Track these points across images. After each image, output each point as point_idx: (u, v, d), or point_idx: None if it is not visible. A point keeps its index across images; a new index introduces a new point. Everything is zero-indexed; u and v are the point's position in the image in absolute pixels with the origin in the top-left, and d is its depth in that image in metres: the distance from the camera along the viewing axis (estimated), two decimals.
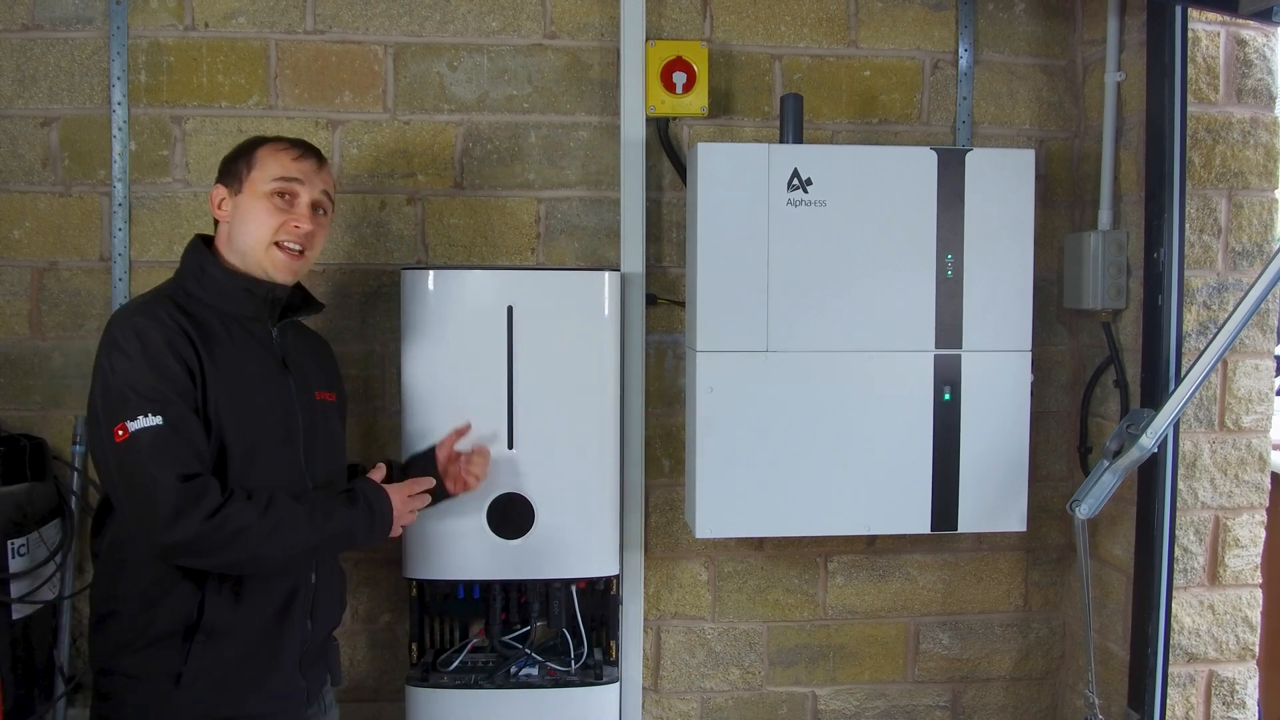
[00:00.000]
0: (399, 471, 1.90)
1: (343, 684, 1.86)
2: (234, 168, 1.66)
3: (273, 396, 1.63)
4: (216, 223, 1.68)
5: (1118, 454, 1.94)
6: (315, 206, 1.67)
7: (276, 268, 1.63)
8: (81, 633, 2.22)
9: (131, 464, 1.45)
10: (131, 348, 1.49)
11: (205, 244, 1.68)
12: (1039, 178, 2.25)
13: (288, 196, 1.64)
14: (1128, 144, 2.21)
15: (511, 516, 2.05)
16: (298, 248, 1.64)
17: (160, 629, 1.52)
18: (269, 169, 1.63)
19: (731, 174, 2.03)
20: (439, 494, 1.88)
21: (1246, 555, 2.18)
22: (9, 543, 2.00)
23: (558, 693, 2.11)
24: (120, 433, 1.44)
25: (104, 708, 1.57)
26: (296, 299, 1.74)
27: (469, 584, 2.13)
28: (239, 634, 1.55)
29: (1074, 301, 2.28)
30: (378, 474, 1.74)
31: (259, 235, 1.62)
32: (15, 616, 2.03)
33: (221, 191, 1.66)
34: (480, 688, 2.09)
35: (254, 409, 1.58)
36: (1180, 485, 2.12)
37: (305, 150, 1.68)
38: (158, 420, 1.44)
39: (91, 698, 1.61)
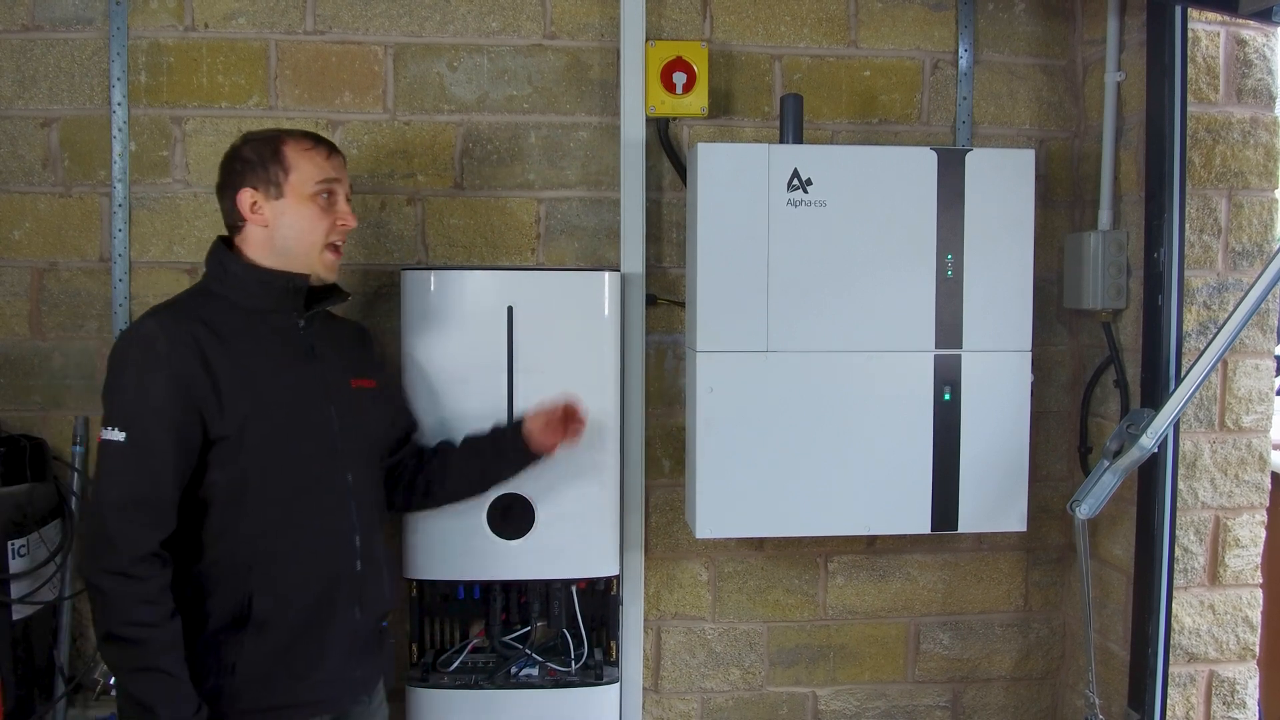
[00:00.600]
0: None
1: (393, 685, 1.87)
2: (263, 171, 1.64)
3: (296, 388, 1.64)
4: (238, 226, 1.67)
5: (1118, 454, 1.94)
6: (346, 201, 1.72)
7: (328, 268, 1.68)
8: (81, 633, 2.22)
9: (98, 471, 1.53)
10: (127, 357, 1.54)
11: (227, 245, 1.70)
12: (1039, 178, 2.25)
13: (329, 196, 1.67)
14: (1128, 144, 2.21)
15: (512, 516, 2.05)
16: (340, 243, 1.70)
17: (214, 623, 1.55)
18: (307, 171, 1.64)
19: (731, 174, 2.03)
20: (525, 459, 1.92)
21: (1247, 555, 2.18)
22: (9, 543, 2.00)
23: (558, 693, 2.11)
24: (101, 436, 1.51)
25: (134, 706, 1.57)
26: (322, 289, 1.75)
27: (469, 584, 2.13)
28: (288, 624, 1.58)
29: (1074, 301, 2.28)
30: None
31: (313, 239, 1.65)
32: (15, 617, 2.03)
33: (251, 195, 1.64)
34: (480, 688, 2.09)
35: (273, 402, 1.59)
36: (1180, 485, 2.12)
37: (331, 147, 1.71)
38: (121, 436, 1.49)
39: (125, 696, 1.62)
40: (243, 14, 2.22)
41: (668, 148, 2.28)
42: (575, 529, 2.09)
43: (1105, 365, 2.26)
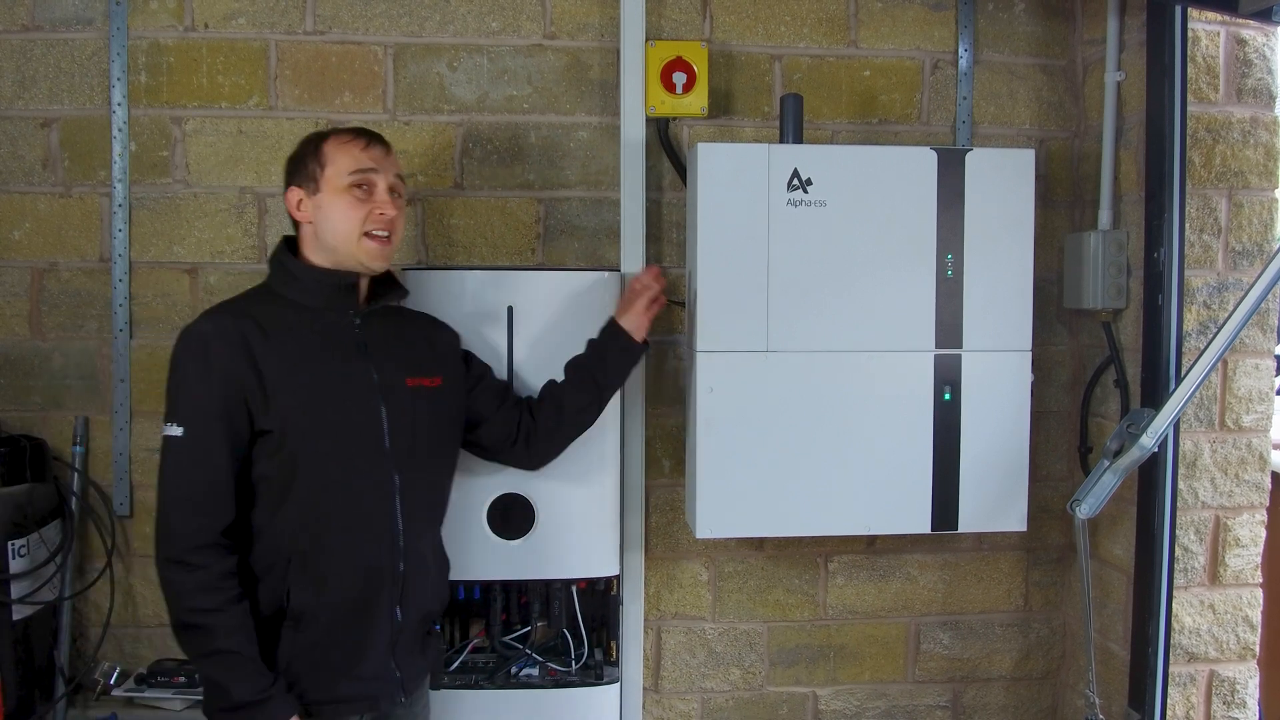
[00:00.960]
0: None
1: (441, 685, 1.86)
2: (304, 168, 1.66)
3: (344, 386, 1.64)
4: (295, 225, 1.70)
5: (1118, 454, 1.94)
6: (391, 191, 1.68)
7: (371, 257, 1.66)
8: (81, 634, 2.22)
9: (160, 465, 1.57)
10: (183, 355, 1.58)
11: (290, 244, 1.71)
12: (1039, 178, 2.25)
13: (366, 187, 1.65)
14: (1128, 144, 2.21)
15: (512, 517, 2.05)
16: (385, 233, 1.67)
17: (259, 614, 1.57)
18: (342, 164, 1.64)
19: (731, 174, 2.03)
20: (631, 353, 1.97)
21: (1247, 555, 2.18)
22: (9, 544, 2.00)
23: (558, 693, 2.11)
24: (164, 432, 1.56)
25: (213, 687, 1.60)
26: (383, 286, 1.75)
27: (469, 584, 2.12)
28: (325, 620, 1.59)
29: (1074, 301, 2.28)
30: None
31: (347, 229, 1.64)
32: (16, 617, 2.03)
33: (297, 193, 1.67)
34: (481, 688, 2.09)
35: (318, 400, 1.60)
36: (1180, 485, 2.12)
37: (371, 138, 1.69)
38: (179, 432, 1.54)
39: (202, 678, 1.64)
40: (242, 14, 2.22)
41: (668, 148, 2.28)
42: (575, 529, 2.08)
43: (1105, 365, 2.26)
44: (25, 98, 2.19)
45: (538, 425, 1.92)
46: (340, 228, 1.64)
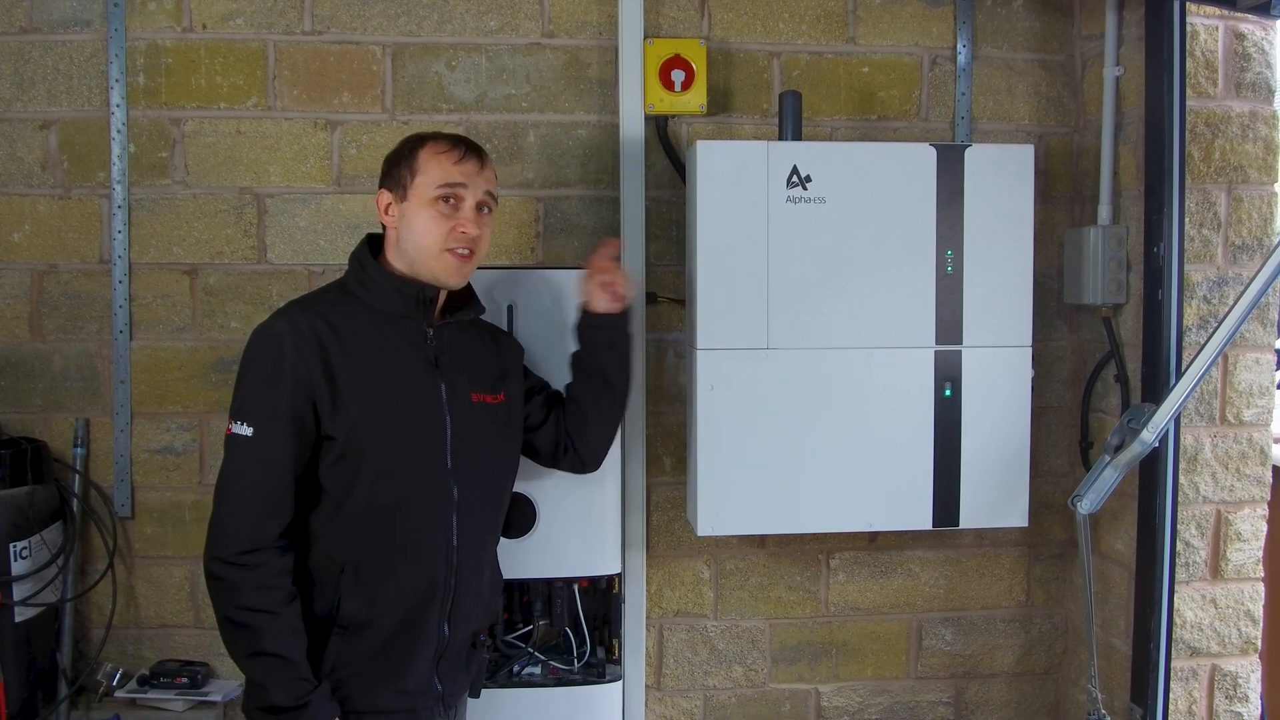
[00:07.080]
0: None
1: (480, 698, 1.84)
2: (397, 172, 1.64)
3: (412, 397, 1.62)
4: (382, 226, 1.68)
5: (1119, 449, 1.94)
6: (480, 206, 1.65)
7: (449, 272, 1.63)
8: (84, 635, 2.23)
9: (224, 463, 1.55)
10: (255, 354, 1.56)
11: (372, 242, 1.69)
12: (1038, 173, 2.25)
13: (452, 201, 1.62)
14: (1127, 139, 2.21)
15: (514, 516, 2.04)
16: (466, 250, 1.63)
17: (310, 618, 1.55)
18: (432, 175, 1.61)
19: (731, 172, 2.03)
20: (614, 330, 1.86)
21: (1248, 549, 2.18)
22: (11, 546, 2.00)
23: (560, 691, 2.10)
24: (229, 429, 1.54)
25: (254, 687, 1.59)
26: (460, 300, 1.72)
27: None
28: (373, 631, 1.57)
29: (1074, 297, 2.28)
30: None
31: (427, 244, 1.61)
32: (18, 619, 2.03)
33: (386, 197, 1.65)
34: (483, 687, 2.09)
35: (385, 410, 1.58)
36: (1182, 480, 2.12)
37: (467, 151, 1.65)
38: (249, 431, 1.52)
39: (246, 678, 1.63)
40: (241, 15, 2.22)
41: (667, 146, 2.28)
42: (577, 528, 2.08)
43: (1106, 360, 2.26)
44: (24, 100, 2.19)
45: (570, 430, 1.87)
46: (422, 241, 1.61)
